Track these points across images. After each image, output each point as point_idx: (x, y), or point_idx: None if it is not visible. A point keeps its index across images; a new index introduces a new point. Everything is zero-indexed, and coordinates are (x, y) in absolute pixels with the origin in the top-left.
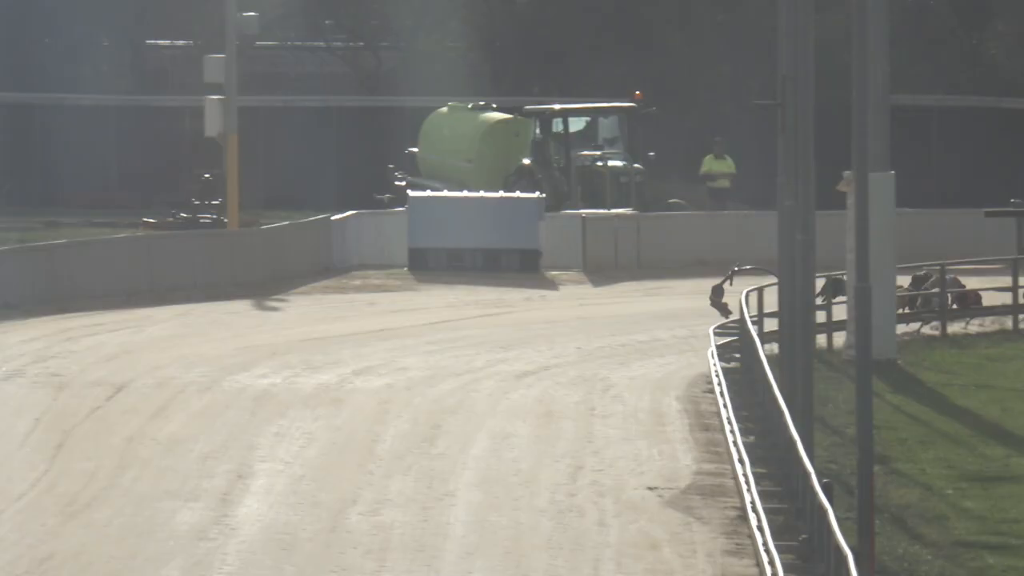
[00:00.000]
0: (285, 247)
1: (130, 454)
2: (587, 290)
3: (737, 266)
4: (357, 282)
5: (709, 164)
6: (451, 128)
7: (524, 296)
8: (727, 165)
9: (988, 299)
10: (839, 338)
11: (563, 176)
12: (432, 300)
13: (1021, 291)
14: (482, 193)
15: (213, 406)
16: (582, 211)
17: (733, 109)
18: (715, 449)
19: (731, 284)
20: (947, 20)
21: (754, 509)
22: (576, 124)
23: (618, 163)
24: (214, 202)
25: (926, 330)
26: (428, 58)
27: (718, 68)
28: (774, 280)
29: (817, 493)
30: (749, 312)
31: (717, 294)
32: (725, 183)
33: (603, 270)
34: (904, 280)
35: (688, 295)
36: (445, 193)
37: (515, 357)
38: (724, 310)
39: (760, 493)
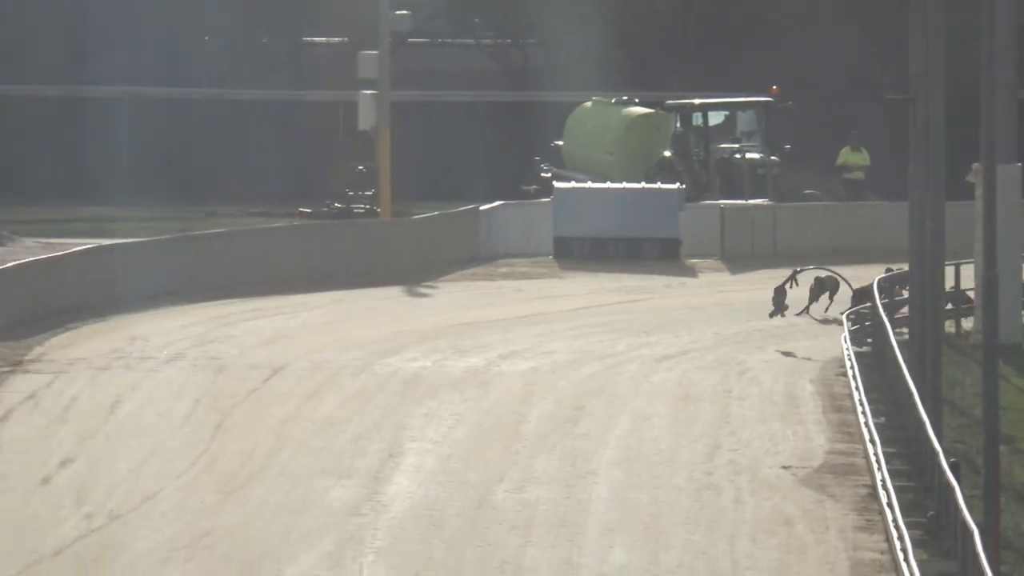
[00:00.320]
0: (435, 236)
1: (286, 434)
2: (725, 277)
3: (800, 267)
4: (504, 270)
5: (845, 156)
6: (595, 122)
7: (664, 283)
8: (863, 157)
9: None
10: (967, 324)
11: (702, 168)
12: (576, 287)
13: None
14: (624, 184)
15: (366, 388)
16: (721, 201)
17: (865, 103)
18: (847, 430)
19: (794, 286)
20: None
21: (884, 487)
22: (715, 118)
23: (755, 155)
24: (367, 193)
25: None
26: (573, 55)
27: (850, 64)
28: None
29: (945, 472)
30: (881, 297)
31: (780, 295)
32: (860, 175)
33: (740, 258)
34: None
35: None
36: (589, 184)
37: (655, 341)
38: (782, 308)
39: (890, 472)
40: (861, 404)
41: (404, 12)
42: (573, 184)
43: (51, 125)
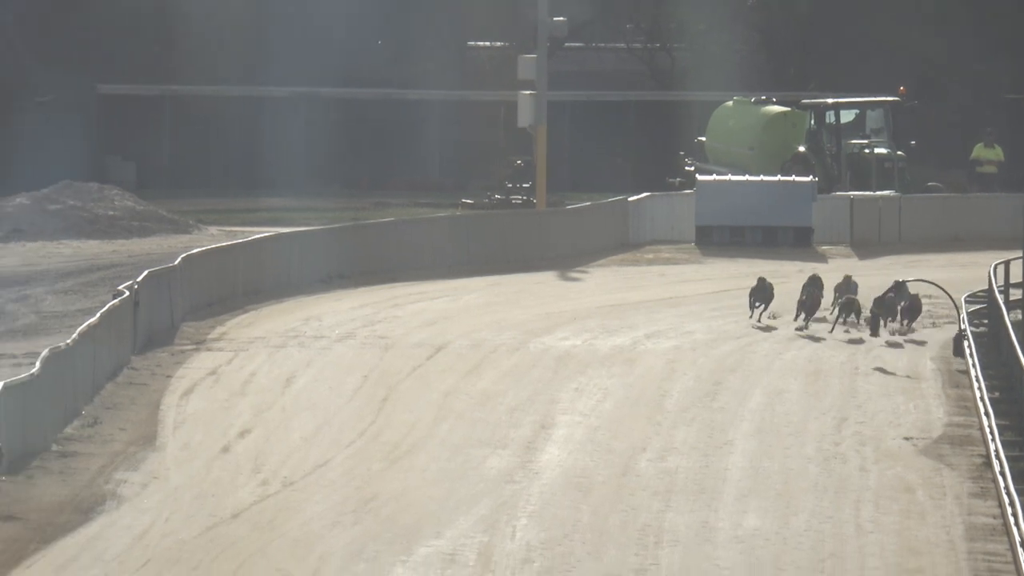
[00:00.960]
0: (586, 225)
1: (446, 407)
2: (854, 263)
3: (902, 278)
4: (649, 256)
5: (979, 151)
6: (736, 120)
7: (798, 268)
8: (995, 153)
9: None
10: None
11: (834, 162)
12: (716, 271)
13: None
14: (762, 177)
15: (520, 365)
16: (850, 193)
17: (987, 103)
18: (964, 404)
19: (894, 297)
20: None
21: (997, 456)
22: (846, 116)
23: (883, 150)
24: (524, 185)
25: None
26: (716, 57)
27: (972, 65)
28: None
29: None
30: (997, 282)
31: (879, 306)
32: (992, 169)
33: (868, 246)
34: None
35: (943, 267)
36: (729, 177)
37: (789, 322)
38: (877, 326)
39: (1003, 443)
40: (977, 380)
41: (561, 18)
42: (714, 176)
43: (234, 123)
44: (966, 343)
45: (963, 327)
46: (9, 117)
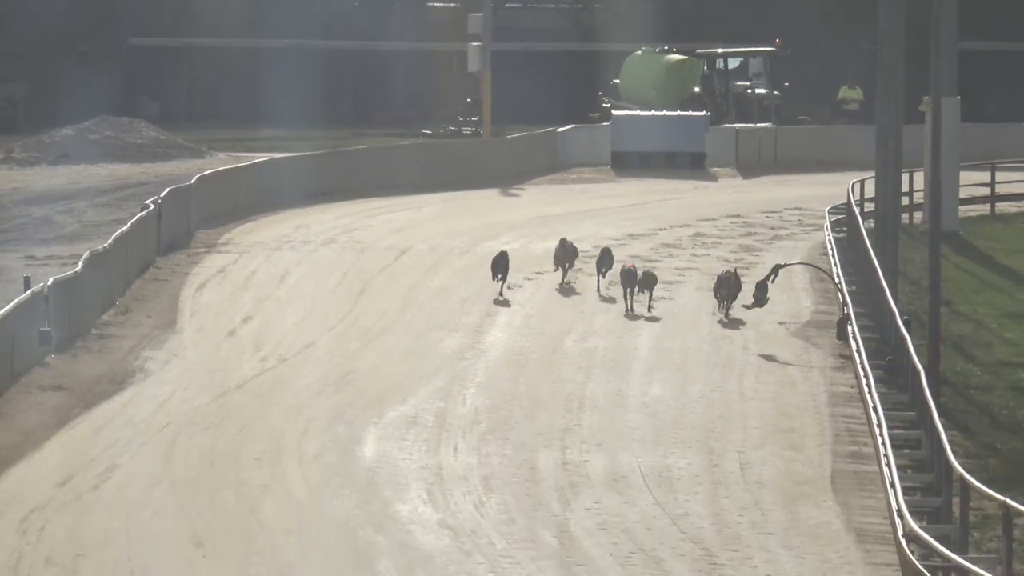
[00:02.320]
0: (522, 152)
1: (410, 299)
2: (739, 182)
3: (784, 262)
4: (574, 176)
5: (844, 92)
6: (643, 66)
7: (693, 186)
8: (857, 93)
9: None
10: (918, 216)
11: (723, 100)
12: (628, 189)
13: None
14: (664, 112)
15: (470, 265)
16: (736, 125)
17: (851, 52)
18: (827, 296)
19: (773, 280)
20: None
21: (854, 337)
22: (733, 63)
23: (762, 91)
24: (473, 119)
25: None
26: (628, 15)
27: (839, 21)
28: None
29: (899, 327)
30: (855, 197)
31: (761, 290)
32: (855, 106)
33: (750, 168)
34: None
35: (810, 185)
36: (638, 112)
37: (689, 227)
38: (762, 302)
39: (859, 327)
40: (838, 276)
41: None
42: (626, 112)
43: (239, 69)
44: (829, 246)
45: (829, 242)
46: (56, 64)
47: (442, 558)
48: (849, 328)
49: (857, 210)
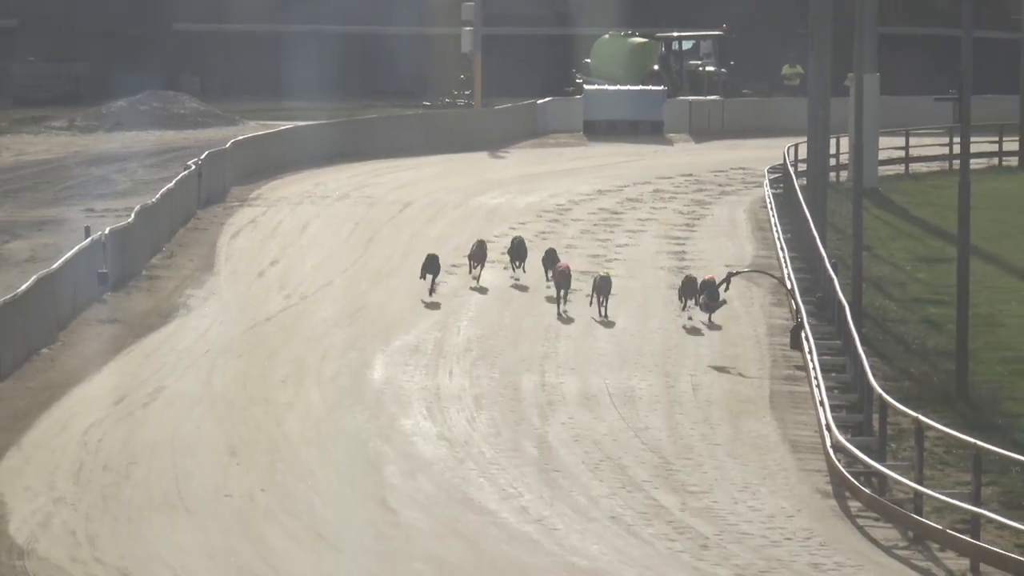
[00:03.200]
0: (508, 120)
1: (412, 245)
2: (692, 146)
3: (736, 270)
4: (552, 141)
5: (786, 70)
6: (610, 47)
7: (653, 150)
8: (797, 70)
9: (934, 150)
10: (843, 175)
11: (678, 77)
12: (597, 152)
13: (955, 146)
14: (628, 87)
15: (463, 216)
16: (689, 98)
17: (790, 36)
18: (767, 243)
19: (727, 288)
20: None
21: (789, 278)
22: (687, 44)
23: (711, 68)
24: (466, 92)
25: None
26: (598, 3)
27: (771, 13)
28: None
29: (828, 268)
30: (790, 158)
31: (712, 297)
32: (796, 82)
33: (702, 134)
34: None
35: (754, 149)
36: (606, 87)
37: (649, 184)
38: (712, 309)
39: (794, 269)
40: (775, 226)
41: None
42: (596, 87)
43: (266, 49)
44: (767, 200)
45: (768, 196)
46: (113, 46)
47: (440, 465)
48: (803, 335)
49: (792, 170)
